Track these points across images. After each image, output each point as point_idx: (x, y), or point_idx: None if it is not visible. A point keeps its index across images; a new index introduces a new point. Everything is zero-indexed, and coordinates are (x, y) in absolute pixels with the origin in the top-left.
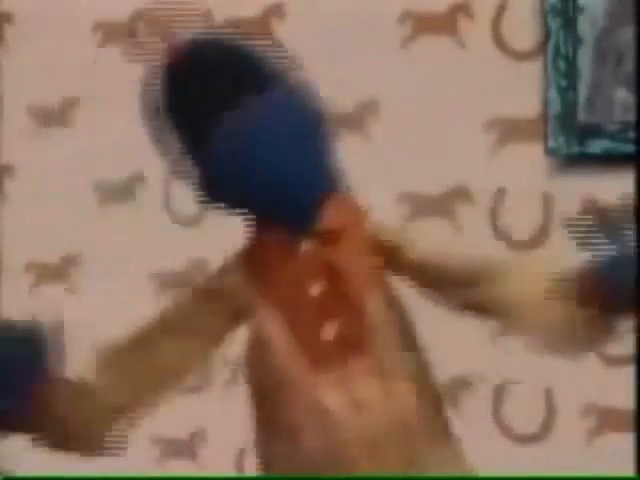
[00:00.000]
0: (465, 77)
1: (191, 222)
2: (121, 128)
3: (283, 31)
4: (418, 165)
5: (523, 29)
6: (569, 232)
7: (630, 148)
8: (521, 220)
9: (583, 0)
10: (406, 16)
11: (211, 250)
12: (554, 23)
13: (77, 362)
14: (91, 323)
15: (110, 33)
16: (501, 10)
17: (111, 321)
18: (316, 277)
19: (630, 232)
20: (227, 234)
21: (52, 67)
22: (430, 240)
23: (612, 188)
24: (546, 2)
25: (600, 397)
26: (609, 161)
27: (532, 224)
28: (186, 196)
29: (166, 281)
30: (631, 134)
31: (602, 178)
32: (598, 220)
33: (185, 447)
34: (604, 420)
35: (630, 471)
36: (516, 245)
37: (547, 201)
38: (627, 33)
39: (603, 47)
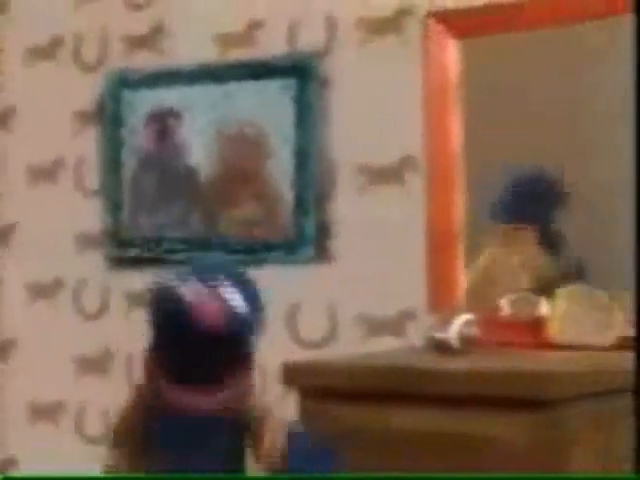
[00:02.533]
0: None
1: None
2: None
3: None
4: None
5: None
6: None
7: (151, 254)
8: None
9: (124, 159)
10: None
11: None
12: (108, 173)
13: None
14: None
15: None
16: None
17: None
18: None
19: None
20: None
21: None
22: None
23: (144, 280)
24: (102, 157)
25: None
26: (139, 263)
27: (94, 305)
28: None
29: None
30: (151, 245)
31: (136, 274)
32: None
33: None
34: None
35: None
36: None
37: (105, 289)
38: (148, 178)
39: (134, 189)
